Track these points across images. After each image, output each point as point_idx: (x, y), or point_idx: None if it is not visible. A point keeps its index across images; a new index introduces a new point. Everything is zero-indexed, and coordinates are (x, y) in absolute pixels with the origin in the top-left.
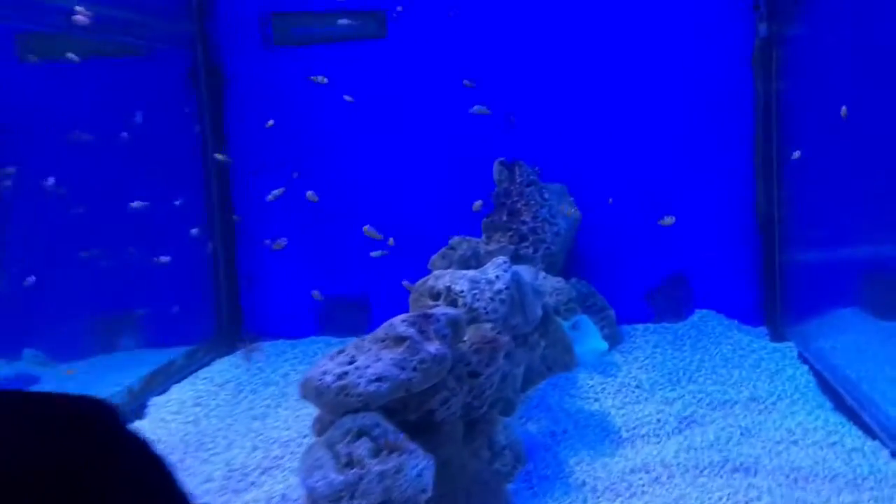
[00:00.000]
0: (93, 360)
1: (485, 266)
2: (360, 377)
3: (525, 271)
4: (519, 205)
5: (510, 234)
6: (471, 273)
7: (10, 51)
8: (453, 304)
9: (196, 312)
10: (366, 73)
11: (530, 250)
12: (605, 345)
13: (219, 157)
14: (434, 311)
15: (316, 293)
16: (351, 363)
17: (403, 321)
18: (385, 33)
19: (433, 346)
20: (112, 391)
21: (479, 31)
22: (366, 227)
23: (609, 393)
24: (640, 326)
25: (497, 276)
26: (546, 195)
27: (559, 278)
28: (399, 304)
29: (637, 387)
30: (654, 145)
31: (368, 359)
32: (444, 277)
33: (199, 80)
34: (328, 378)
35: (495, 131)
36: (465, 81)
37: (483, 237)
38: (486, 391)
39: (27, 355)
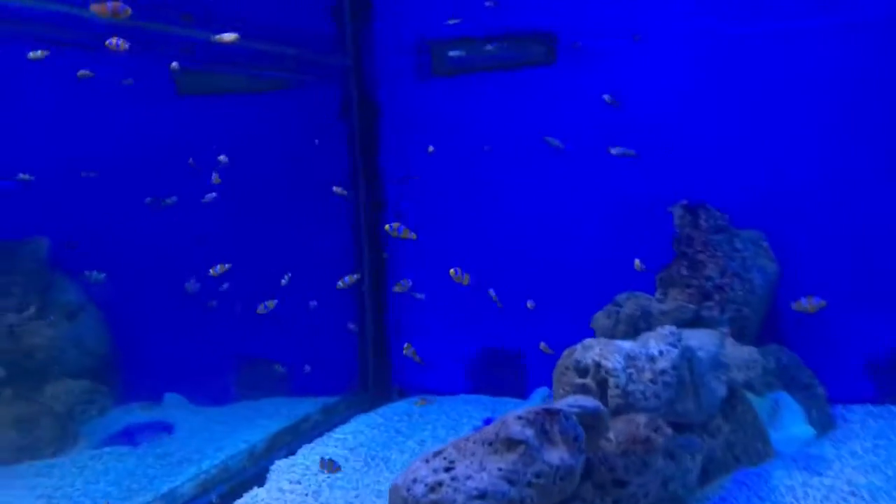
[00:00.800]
0: (234, 406)
1: (646, 336)
2: (456, 491)
3: (706, 339)
4: (703, 256)
5: (690, 290)
6: (628, 346)
7: (170, 86)
8: (602, 384)
9: (342, 361)
10: (530, 103)
11: (715, 311)
12: (810, 431)
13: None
14: (562, 404)
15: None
16: (448, 470)
17: (520, 418)
18: (554, 59)
19: (557, 454)
20: (234, 451)
21: (659, 59)
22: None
23: (814, 499)
24: (859, 409)
25: (661, 352)
26: (738, 244)
27: (751, 347)
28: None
29: (852, 494)
30: (872, 182)
31: (470, 467)
32: (593, 349)
33: (352, 113)
34: (418, 489)
35: (675, 169)
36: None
37: (657, 293)
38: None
39: (168, 400)
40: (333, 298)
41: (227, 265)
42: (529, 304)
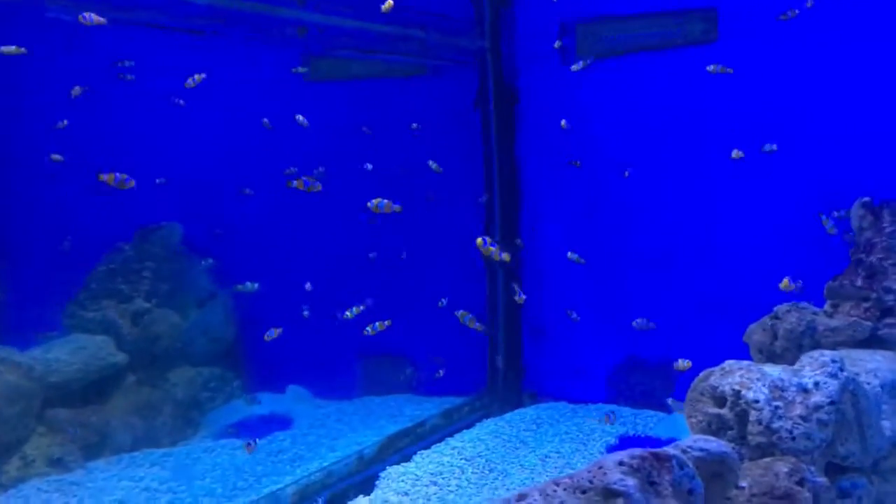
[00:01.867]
0: (357, 402)
1: (801, 362)
2: None
3: (883, 363)
4: (885, 263)
5: (867, 304)
6: (777, 373)
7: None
8: (742, 417)
9: (471, 361)
10: (688, 86)
11: None
12: None
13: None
14: (680, 446)
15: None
16: None
17: (621, 464)
18: (716, 37)
19: None
20: (345, 453)
21: (838, 35)
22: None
23: None
24: None
25: (817, 383)
26: None
27: None
28: None
29: None
30: None
31: None
32: (734, 374)
33: (489, 101)
34: None
35: (857, 157)
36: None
37: (826, 306)
38: None
39: (291, 392)
40: (465, 297)
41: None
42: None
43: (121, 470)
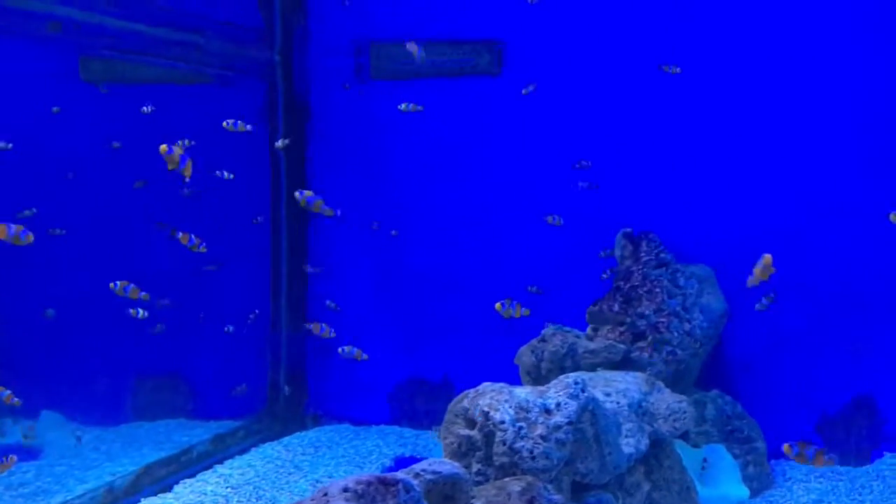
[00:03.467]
0: (123, 428)
1: (551, 383)
2: None
3: (631, 384)
4: (640, 291)
5: (622, 328)
6: (524, 394)
7: (74, 71)
8: (489, 437)
9: (253, 381)
10: (473, 114)
11: (646, 354)
12: (744, 491)
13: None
14: (404, 473)
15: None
16: None
17: (345, 490)
18: (499, 70)
19: None
20: (93, 486)
21: (613, 74)
22: None
23: None
24: (803, 467)
25: (558, 404)
26: (681, 281)
27: (681, 395)
28: None
29: None
30: (838, 218)
31: None
32: (484, 397)
33: (278, 115)
34: None
35: (628, 193)
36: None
37: (588, 329)
38: None
39: (44, 418)
40: (248, 313)
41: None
42: None
43: None
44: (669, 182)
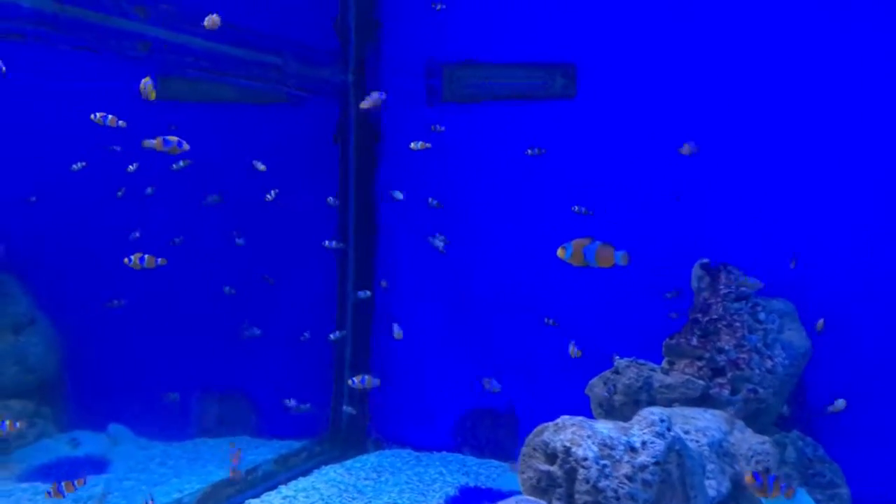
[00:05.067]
0: (188, 444)
1: (634, 419)
2: None
3: (711, 423)
4: (720, 325)
5: (700, 364)
6: (608, 430)
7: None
8: (570, 474)
9: (317, 403)
10: (547, 137)
11: (726, 391)
12: None
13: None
14: None
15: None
16: None
17: None
18: (574, 93)
19: None
20: (167, 500)
21: (690, 96)
22: None
23: None
24: None
25: (644, 442)
26: (762, 315)
27: (764, 436)
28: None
29: None
30: None
31: None
32: (566, 431)
33: (349, 135)
34: None
35: (707, 223)
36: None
37: (663, 363)
38: None
39: (111, 430)
40: (314, 336)
41: None
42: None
43: None
44: (749, 211)
